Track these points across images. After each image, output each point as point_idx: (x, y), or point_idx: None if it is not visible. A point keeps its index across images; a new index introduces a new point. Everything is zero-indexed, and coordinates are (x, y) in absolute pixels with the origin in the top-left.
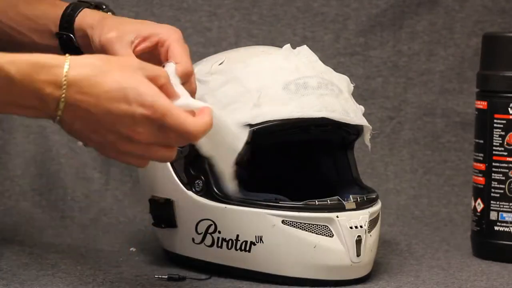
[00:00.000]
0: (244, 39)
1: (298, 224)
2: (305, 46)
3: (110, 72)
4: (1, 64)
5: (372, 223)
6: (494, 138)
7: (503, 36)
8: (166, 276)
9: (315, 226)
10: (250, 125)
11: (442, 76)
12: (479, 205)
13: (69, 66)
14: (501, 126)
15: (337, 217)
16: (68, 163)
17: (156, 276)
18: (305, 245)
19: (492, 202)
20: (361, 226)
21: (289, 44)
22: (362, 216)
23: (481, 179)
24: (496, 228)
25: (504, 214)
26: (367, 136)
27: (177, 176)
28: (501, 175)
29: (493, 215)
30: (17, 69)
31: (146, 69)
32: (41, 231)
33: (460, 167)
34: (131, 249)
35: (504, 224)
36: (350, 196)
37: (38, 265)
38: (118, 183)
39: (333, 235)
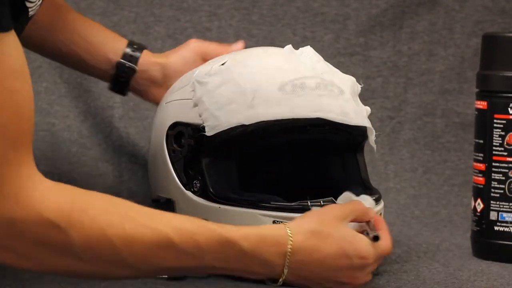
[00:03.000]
0: (244, 39)
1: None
2: (308, 46)
3: (329, 237)
4: (235, 239)
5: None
6: (494, 138)
7: (503, 36)
8: (166, 276)
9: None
10: (244, 126)
11: (442, 76)
12: (479, 205)
13: (292, 236)
14: (501, 126)
15: None
16: (80, 161)
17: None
18: None
19: (492, 202)
20: None
21: (290, 45)
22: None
23: (481, 179)
24: (496, 228)
25: (504, 214)
26: (371, 138)
27: (177, 177)
28: (501, 175)
29: (493, 215)
30: (249, 243)
31: (351, 213)
32: None
33: (460, 167)
34: None
35: (504, 224)
36: None
37: None
38: (130, 173)
39: None
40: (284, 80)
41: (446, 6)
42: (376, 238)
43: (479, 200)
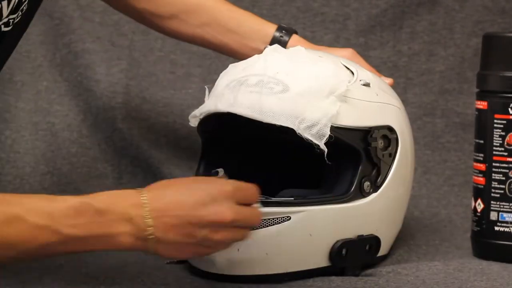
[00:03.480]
0: None
1: None
2: (299, 46)
3: (181, 182)
4: (88, 201)
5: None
6: (494, 138)
7: (503, 36)
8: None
9: None
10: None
11: (442, 76)
12: (479, 205)
13: (142, 190)
14: (501, 126)
15: None
16: (79, 161)
17: (166, 262)
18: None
19: (492, 202)
20: None
21: (276, 44)
22: None
23: (481, 179)
24: (496, 228)
25: (504, 215)
26: (305, 135)
27: None
28: (501, 175)
29: (493, 215)
30: (102, 202)
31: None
32: None
33: (460, 167)
34: None
35: (504, 224)
36: None
37: (42, 266)
38: (130, 176)
39: None
40: (235, 77)
41: (446, 6)
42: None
43: (479, 200)
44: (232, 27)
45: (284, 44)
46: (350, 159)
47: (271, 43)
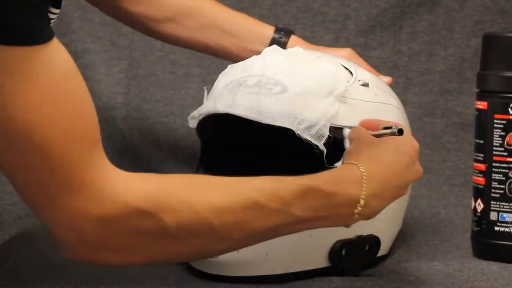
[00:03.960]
0: None
1: None
2: (297, 46)
3: (382, 151)
4: (317, 185)
5: None
6: (494, 138)
7: (503, 36)
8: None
9: None
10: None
11: (442, 76)
12: (479, 206)
13: (359, 165)
14: (501, 126)
15: None
16: None
17: None
18: None
19: (492, 202)
20: None
21: (275, 45)
22: None
23: (481, 180)
24: (496, 228)
25: (504, 215)
26: (304, 136)
27: None
28: (501, 175)
29: (493, 216)
30: (330, 185)
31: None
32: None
33: (460, 167)
34: None
35: (504, 225)
36: None
37: (42, 266)
38: None
39: None
40: (234, 78)
41: (446, 6)
42: (400, 131)
43: (479, 201)
44: (230, 30)
45: (283, 45)
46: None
47: (270, 45)
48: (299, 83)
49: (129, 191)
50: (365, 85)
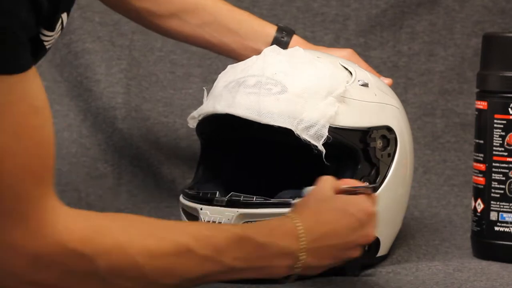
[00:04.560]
0: None
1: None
2: (297, 47)
3: (330, 208)
4: (250, 234)
5: None
6: (494, 138)
7: (503, 36)
8: None
9: (188, 215)
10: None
11: (442, 76)
12: (479, 206)
13: (296, 220)
14: (501, 126)
15: (201, 209)
16: (79, 161)
17: None
18: None
19: (492, 202)
20: (219, 222)
21: (275, 45)
22: (228, 213)
23: (481, 180)
24: (496, 228)
25: (504, 215)
26: (303, 136)
27: None
28: (501, 175)
29: (493, 216)
30: (263, 235)
31: (328, 189)
32: None
33: (460, 167)
34: None
35: (504, 225)
36: (240, 196)
37: None
38: (130, 176)
39: None
40: (234, 78)
41: (446, 6)
42: (375, 189)
43: (479, 201)
44: (232, 28)
45: (285, 45)
46: (348, 160)
47: (273, 44)
48: (299, 83)
49: (68, 231)
50: (365, 85)
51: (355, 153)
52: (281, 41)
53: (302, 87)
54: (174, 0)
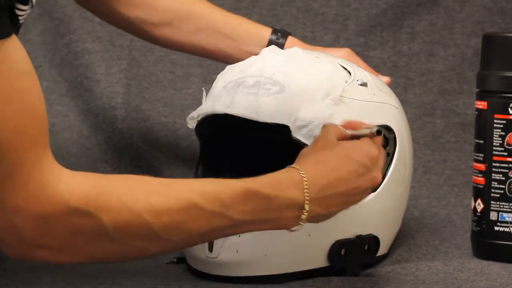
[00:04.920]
0: None
1: None
2: (296, 47)
3: (333, 155)
4: (257, 188)
5: None
6: (494, 138)
7: (503, 36)
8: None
9: None
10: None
11: (442, 76)
12: (479, 206)
13: (300, 169)
14: (501, 126)
15: None
16: (79, 162)
17: (165, 261)
18: None
19: (492, 202)
20: None
21: (273, 45)
22: None
23: (481, 179)
24: (496, 228)
25: (504, 215)
26: (295, 135)
27: None
28: (501, 175)
29: (493, 215)
30: (270, 188)
31: (331, 135)
32: None
33: (460, 167)
34: None
35: (504, 225)
36: None
37: (42, 266)
38: None
39: None
40: (232, 78)
41: (446, 6)
42: (379, 132)
43: (479, 200)
44: (227, 33)
45: (281, 46)
46: None
47: (268, 46)
48: (297, 83)
49: (70, 191)
50: (364, 84)
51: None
52: (277, 43)
53: (300, 86)
54: (166, 8)
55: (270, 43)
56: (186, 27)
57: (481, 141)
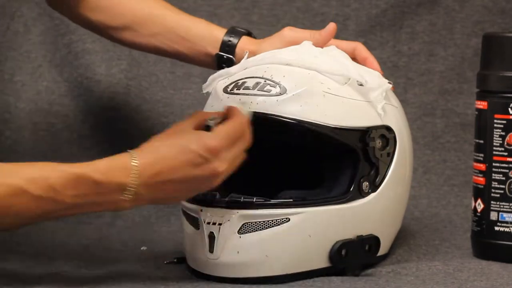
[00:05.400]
0: None
1: (185, 213)
2: (305, 41)
3: (169, 140)
4: (87, 173)
5: (251, 226)
6: (494, 138)
7: (503, 36)
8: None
9: (189, 216)
10: None
11: (442, 76)
12: (479, 206)
13: (133, 153)
14: (501, 126)
15: (201, 210)
16: (79, 162)
17: (165, 261)
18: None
19: (492, 202)
20: (219, 224)
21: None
22: (228, 215)
23: (481, 179)
24: (496, 228)
25: (504, 215)
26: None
27: None
28: (501, 175)
29: (493, 215)
30: (100, 173)
31: (191, 120)
32: (53, 233)
33: (460, 167)
34: (142, 248)
35: (504, 225)
36: (254, 197)
37: (42, 266)
38: None
39: (199, 227)
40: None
41: (446, 6)
42: (207, 127)
43: (479, 200)
44: (182, 34)
45: (232, 48)
46: (348, 159)
47: (221, 48)
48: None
49: None
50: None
51: (355, 152)
52: (229, 44)
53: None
54: (126, 13)
55: (223, 44)
56: (144, 30)
57: (481, 141)
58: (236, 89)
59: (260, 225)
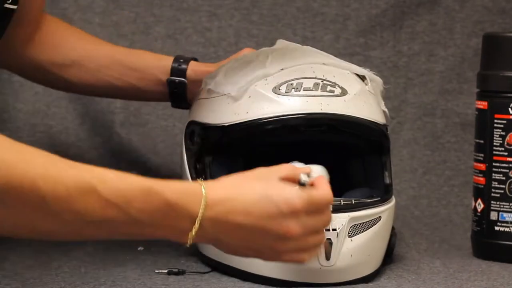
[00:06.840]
0: (244, 39)
1: None
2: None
3: (251, 185)
4: (160, 189)
5: (358, 228)
6: (494, 138)
7: (503, 36)
8: (166, 271)
9: None
10: (232, 125)
11: (442, 76)
12: (480, 205)
13: (205, 187)
14: (501, 126)
15: None
16: None
17: (156, 270)
18: None
19: (492, 202)
20: (333, 229)
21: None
22: (338, 219)
23: (481, 179)
24: (496, 228)
25: (505, 214)
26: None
27: (189, 171)
28: (501, 175)
29: (493, 215)
30: (172, 193)
31: (278, 171)
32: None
33: (460, 167)
34: (139, 248)
35: (504, 224)
36: (341, 199)
37: (42, 266)
38: None
39: None
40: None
41: (446, 6)
42: (302, 184)
43: (479, 200)
44: (130, 65)
45: (183, 72)
46: (385, 156)
47: (171, 73)
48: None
49: None
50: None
51: (388, 150)
52: (179, 68)
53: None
54: (72, 48)
55: (173, 70)
56: (91, 64)
57: (482, 141)
58: (295, 90)
59: (364, 226)
